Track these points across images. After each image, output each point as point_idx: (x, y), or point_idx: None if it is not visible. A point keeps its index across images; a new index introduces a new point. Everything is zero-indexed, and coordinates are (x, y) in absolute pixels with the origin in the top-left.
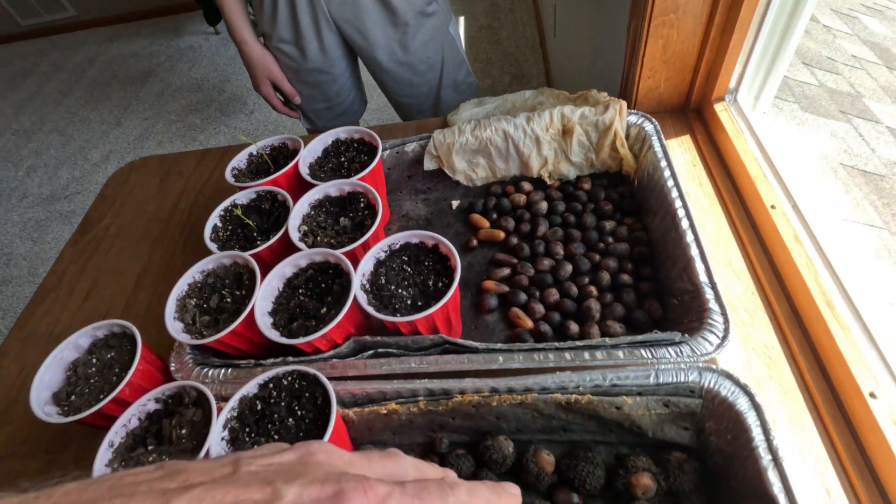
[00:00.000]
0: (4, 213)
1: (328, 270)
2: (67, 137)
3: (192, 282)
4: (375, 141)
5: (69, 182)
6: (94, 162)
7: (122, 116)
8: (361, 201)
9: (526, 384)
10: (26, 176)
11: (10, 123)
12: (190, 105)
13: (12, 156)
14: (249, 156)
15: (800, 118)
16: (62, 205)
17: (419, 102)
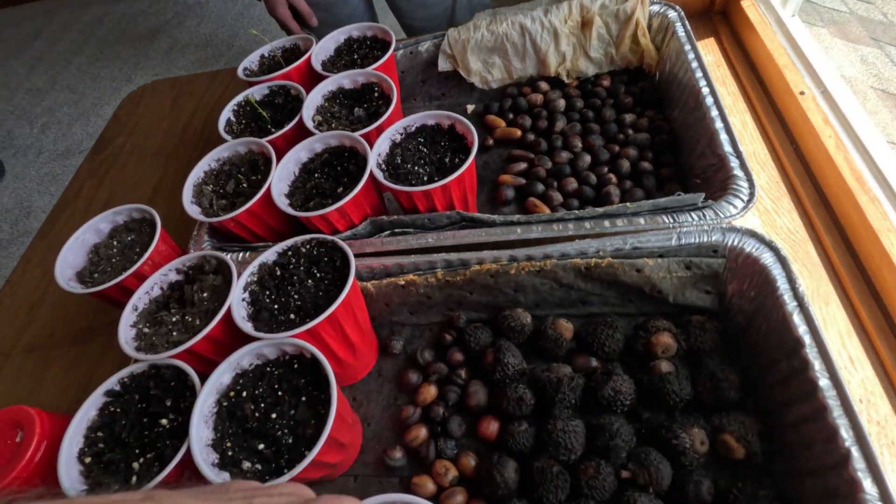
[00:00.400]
0: (22, 169)
1: (343, 153)
2: (79, 95)
3: (207, 169)
4: (389, 36)
5: (83, 138)
6: (106, 118)
7: (133, 73)
8: (375, 91)
9: (545, 251)
10: (41, 133)
11: (22, 83)
12: (199, 61)
13: (26, 114)
14: (261, 57)
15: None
16: (77, 159)
17: (433, 26)
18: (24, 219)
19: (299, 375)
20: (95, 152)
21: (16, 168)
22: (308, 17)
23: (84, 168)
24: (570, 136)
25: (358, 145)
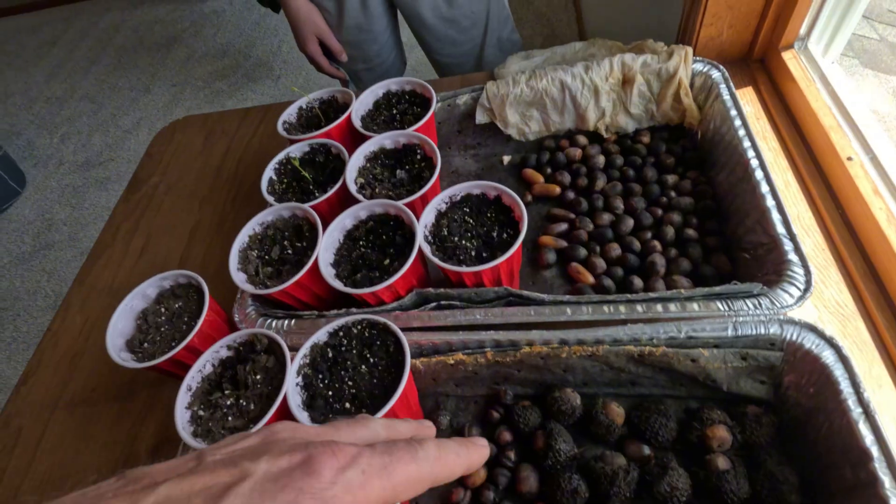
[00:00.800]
0: (43, 180)
1: (388, 222)
2: (98, 105)
3: (252, 233)
4: (428, 92)
5: (102, 149)
6: (125, 129)
7: (150, 83)
8: (418, 153)
9: (596, 336)
10: (61, 143)
11: (42, 91)
12: (216, 71)
13: (47, 123)
14: (299, 109)
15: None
16: (97, 171)
17: (461, 62)
18: (45, 231)
19: None
20: (130, 192)
21: (37, 179)
22: (338, 54)
23: (119, 209)
24: (611, 196)
25: (403, 215)
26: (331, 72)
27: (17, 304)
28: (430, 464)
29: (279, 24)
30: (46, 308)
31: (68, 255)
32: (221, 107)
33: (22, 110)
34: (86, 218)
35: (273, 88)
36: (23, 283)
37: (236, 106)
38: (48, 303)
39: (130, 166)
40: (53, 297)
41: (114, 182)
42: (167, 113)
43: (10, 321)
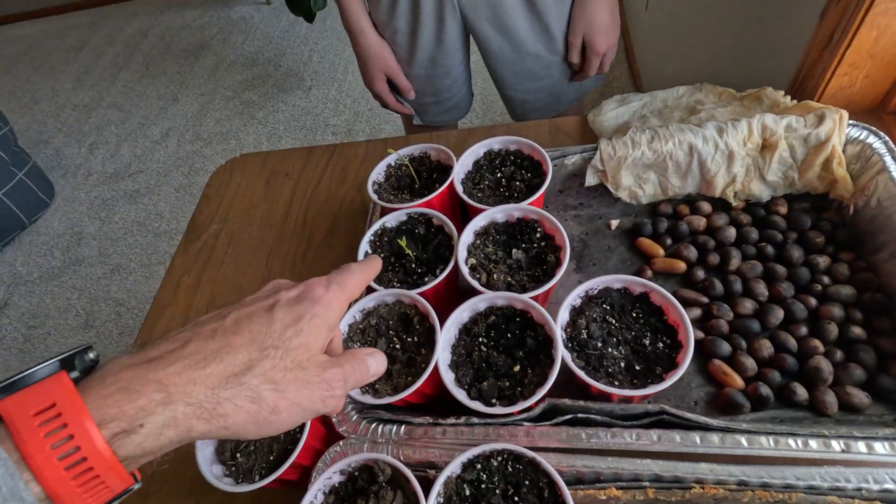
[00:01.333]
0: (72, 192)
1: (514, 318)
2: (126, 113)
3: (352, 322)
4: (539, 154)
5: (131, 160)
6: (154, 139)
7: (179, 92)
8: (537, 231)
9: (785, 479)
10: (89, 153)
11: (69, 98)
12: (246, 81)
13: (74, 132)
14: (388, 167)
15: None
16: (126, 184)
17: (536, 98)
18: (75, 245)
19: None
20: (188, 241)
21: (65, 190)
22: (406, 92)
23: (178, 260)
24: (750, 279)
25: (533, 312)
26: (397, 108)
27: (48, 323)
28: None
29: (309, 33)
30: (77, 328)
31: (98, 271)
32: (251, 118)
33: (49, 118)
34: (115, 233)
35: (304, 100)
36: (53, 301)
37: (267, 117)
38: (79, 322)
39: (160, 178)
40: (84, 315)
41: (143, 195)
42: (196, 123)
43: (40, 340)
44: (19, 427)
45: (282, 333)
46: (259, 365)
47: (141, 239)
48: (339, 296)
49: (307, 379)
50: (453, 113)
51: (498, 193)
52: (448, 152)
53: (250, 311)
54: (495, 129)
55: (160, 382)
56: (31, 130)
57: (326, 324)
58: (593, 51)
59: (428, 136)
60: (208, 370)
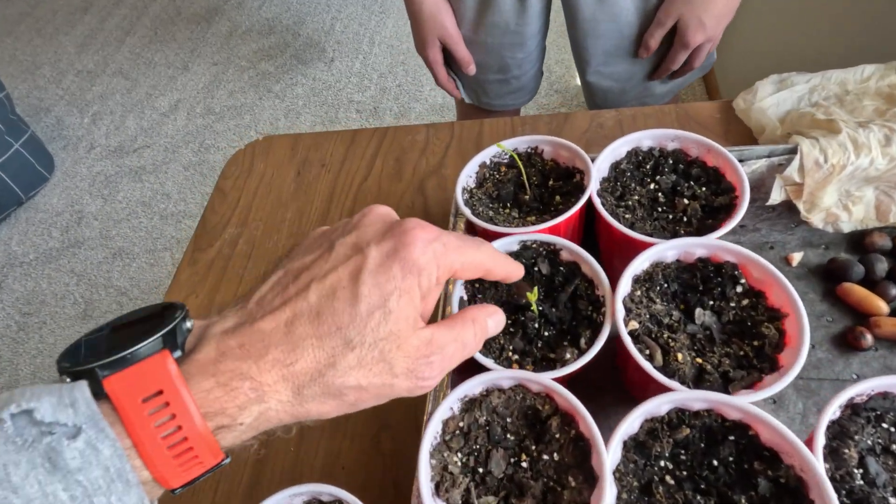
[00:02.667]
0: (72, 166)
1: (724, 434)
2: (133, 82)
3: (448, 417)
4: (718, 156)
5: (137, 133)
6: (162, 111)
7: (189, 60)
8: (740, 282)
9: None
10: (92, 124)
11: (73, 63)
12: (262, 50)
13: (77, 100)
14: (481, 168)
15: None
16: (131, 159)
17: (624, 88)
18: (75, 226)
19: None
20: (198, 249)
21: (66, 163)
22: (465, 65)
23: (184, 275)
24: None
25: (760, 427)
26: (447, 87)
27: (44, 310)
28: (487, 257)
29: (330, 0)
30: (75, 317)
31: (99, 255)
32: (268, 91)
33: (51, 84)
34: (118, 213)
35: (326, 73)
36: (49, 285)
37: (284, 92)
38: (77, 311)
39: (167, 155)
40: (83, 304)
41: (149, 173)
42: (208, 95)
43: (35, 329)
44: (130, 413)
45: (368, 319)
46: (343, 361)
47: (146, 221)
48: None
49: (394, 371)
50: (518, 95)
51: (656, 215)
52: (573, 148)
53: (333, 282)
54: (601, 115)
55: (254, 380)
56: (31, 97)
57: (416, 298)
58: (682, 41)
59: (508, 122)
60: (297, 367)
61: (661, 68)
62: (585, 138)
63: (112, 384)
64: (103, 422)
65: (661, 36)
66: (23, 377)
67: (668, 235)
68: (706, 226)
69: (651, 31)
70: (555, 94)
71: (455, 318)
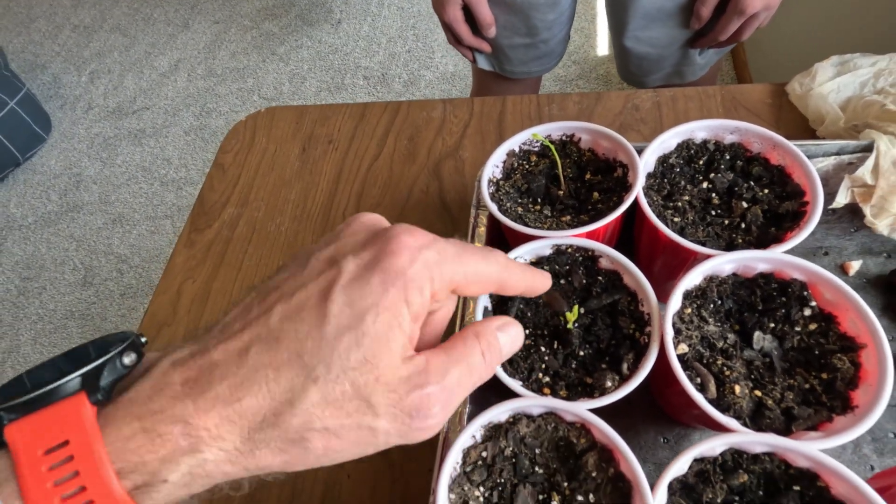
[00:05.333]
0: (70, 126)
1: (789, 483)
2: (131, 39)
3: (468, 446)
4: (786, 154)
5: (136, 94)
6: (161, 71)
7: (190, 18)
8: (806, 302)
9: None
10: (90, 83)
11: (69, 17)
12: (265, 9)
13: (74, 57)
14: (507, 156)
15: None
16: (130, 121)
17: (661, 56)
18: (73, 189)
19: None
20: (195, 229)
21: (63, 124)
22: (486, 27)
23: (180, 258)
24: None
25: (831, 479)
26: (472, 44)
27: (43, 275)
28: (498, 268)
29: None
30: (75, 284)
31: (98, 220)
32: (272, 53)
33: (47, 39)
34: (118, 178)
35: (332, 36)
36: (49, 250)
37: (289, 55)
38: (77, 277)
39: (167, 118)
40: (83, 270)
41: (149, 136)
42: (209, 55)
43: (35, 295)
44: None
45: (335, 343)
46: (303, 396)
47: (146, 187)
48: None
49: (374, 411)
50: (545, 62)
51: (709, 220)
52: (617, 139)
53: (300, 300)
54: (637, 95)
55: (188, 424)
56: (26, 52)
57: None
58: (738, 7)
59: (533, 101)
60: (245, 405)
61: (709, 36)
62: (619, 121)
63: (13, 432)
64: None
65: (715, 4)
66: (24, 342)
67: (723, 244)
68: (768, 235)
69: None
70: (573, 64)
71: (455, 337)
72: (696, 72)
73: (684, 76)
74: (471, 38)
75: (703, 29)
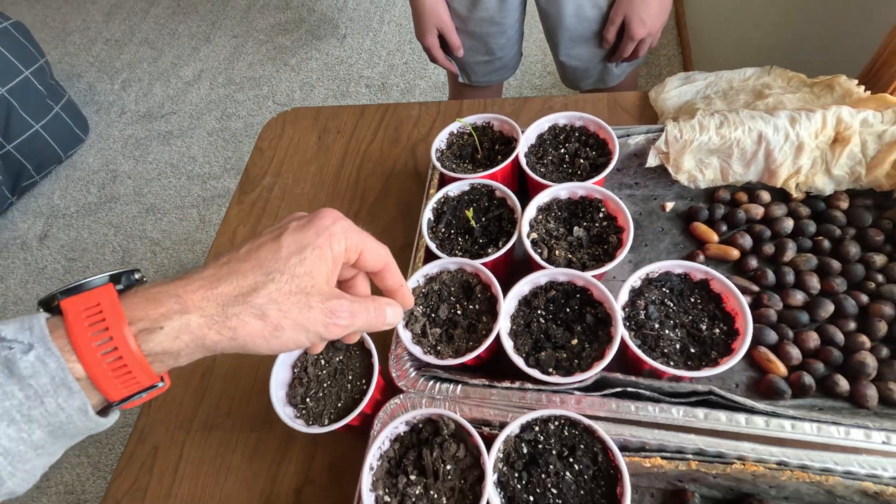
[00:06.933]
0: (106, 129)
1: (574, 294)
2: (158, 51)
3: (415, 286)
4: (605, 132)
5: (164, 100)
6: (186, 80)
7: (211, 32)
8: (601, 210)
9: (824, 462)
10: (122, 90)
11: (101, 32)
12: (279, 24)
13: (107, 67)
14: (450, 135)
15: None
16: (159, 124)
17: (587, 67)
18: (110, 183)
19: None
20: (243, 193)
21: (99, 126)
22: (456, 50)
23: (234, 211)
24: (803, 271)
25: (593, 289)
26: (445, 65)
27: (86, 256)
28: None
29: None
30: (114, 263)
31: (133, 210)
32: (284, 64)
33: (81, 51)
34: (150, 173)
35: (338, 49)
36: (90, 235)
37: (300, 66)
38: (116, 258)
39: (192, 121)
40: (121, 252)
41: (176, 137)
42: (229, 66)
43: (79, 272)
44: (72, 321)
45: (287, 260)
46: (265, 287)
47: (175, 181)
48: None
49: (309, 304)
50: (501, 73)
51: (561, 170)
52: (512, 123)
53: (261, 241)
54: (552, 100)
55: (179, 297)
56: (63, 63)
57: (329, 256)
58: (629, 34)
59: (482, 103)
60: (219, 289)
61: (615, 55)
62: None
63: (65, 303)
64: (51, 342)
65: (615, 31)
66: None
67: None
68: (590, 177)
69: (607, 27)
70: (548, 75)
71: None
72: (615, 79)
73: (607, 82)
74: (443, 58)
75: (612, 49)
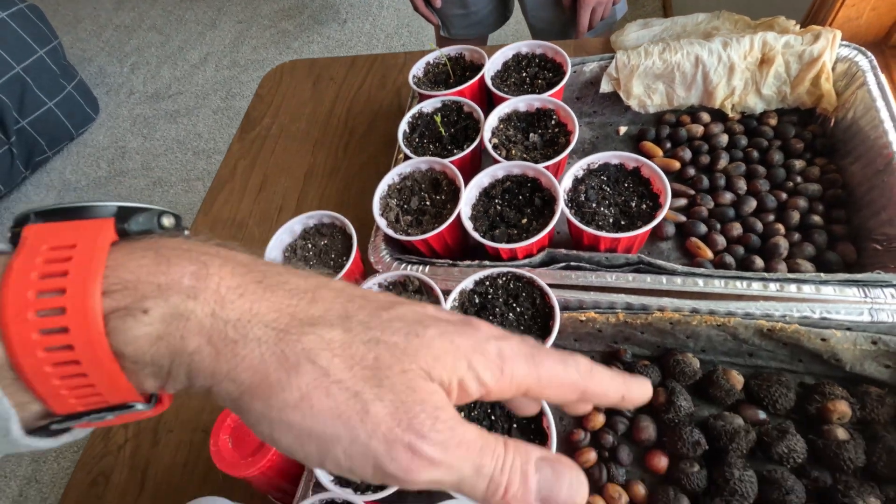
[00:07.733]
0: (115, 108)
1: (526, 183)
2: (166, 36)
3: (391, 183)
4: (561, 57)
5: (171, 82)
6: (192, 63)
7: (217, 18)
8: (552, 118)
9: (729, 308)
10: (131, 73)
11: (111, 18)
12: (282, 10)
13: (116, 51)
14: (427, 64)
15: None
16: (167, 104)
17: (551, 30)
18: (119, 158)
19: None
20: (244, 131)
21: (109, 107)
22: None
23: (235, 147)
24: (733, 176)
25: (542, 178)
26: (425, 14)
27: None
28: (579, 373)
29: None
30: None
31: (141, 183)
32: (287, 48)
33: (92, 37)
34: (157, 149)
35: (339, 33)
36: None
37: (302, 49)
38: None
39: (198, 101)
40: None
41: (182, 116)
42: (234, 50)
43: None
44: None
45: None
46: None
47: (181, 156)
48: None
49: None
50: (478, 28)
51: (522, 89)
52: (481, 52)
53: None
54: None
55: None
56: (74, 48)
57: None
58: (581, 3)
59: None
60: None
61: (577, 31)
62: None
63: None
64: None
65: None
66: None
67: None
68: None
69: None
70: None
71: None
72: None
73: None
74: (423, 7)
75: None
